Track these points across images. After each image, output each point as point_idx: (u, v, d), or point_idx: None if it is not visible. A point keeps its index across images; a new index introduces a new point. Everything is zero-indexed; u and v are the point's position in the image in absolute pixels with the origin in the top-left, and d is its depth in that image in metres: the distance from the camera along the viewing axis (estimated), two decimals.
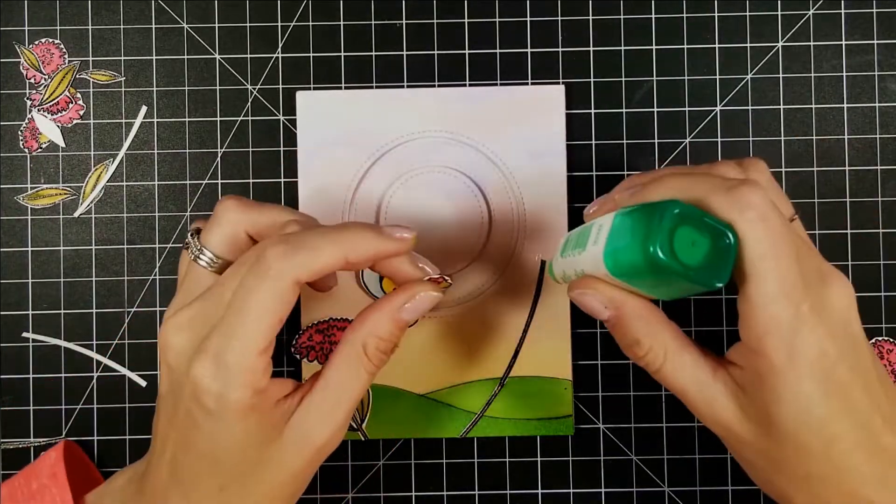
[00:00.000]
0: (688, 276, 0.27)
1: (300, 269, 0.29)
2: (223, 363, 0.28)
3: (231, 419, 0.29)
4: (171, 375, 0.30)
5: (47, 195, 0.41)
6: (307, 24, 0.42)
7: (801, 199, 0.41)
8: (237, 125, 0.42)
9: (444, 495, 0.41)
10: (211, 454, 0.30)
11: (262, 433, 0.30)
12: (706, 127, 0.41)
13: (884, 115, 0.41)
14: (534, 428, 0.40)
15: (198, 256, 0.32)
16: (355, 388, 0.31)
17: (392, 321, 0.32)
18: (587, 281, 0.31)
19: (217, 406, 0.29)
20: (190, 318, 0.30)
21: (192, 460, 0.30)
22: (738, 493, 0.41)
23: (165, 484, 0.31)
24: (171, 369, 0.30)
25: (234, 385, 0.29)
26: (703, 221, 0.28)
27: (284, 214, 0.33)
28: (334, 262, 0.30)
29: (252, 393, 0.29)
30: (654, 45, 0.41)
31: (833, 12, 0.41)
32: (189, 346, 0.30)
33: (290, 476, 0.31)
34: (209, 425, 0.29)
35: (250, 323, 0.28)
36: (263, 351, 0.29)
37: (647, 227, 0.28)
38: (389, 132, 0.41)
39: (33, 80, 0.42)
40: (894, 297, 0.41)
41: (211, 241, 0.32)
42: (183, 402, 0.30)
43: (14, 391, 0.41)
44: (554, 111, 0.41)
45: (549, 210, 0.41)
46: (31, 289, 0.41)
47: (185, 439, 0.30)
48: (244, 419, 0.29)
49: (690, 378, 0.30)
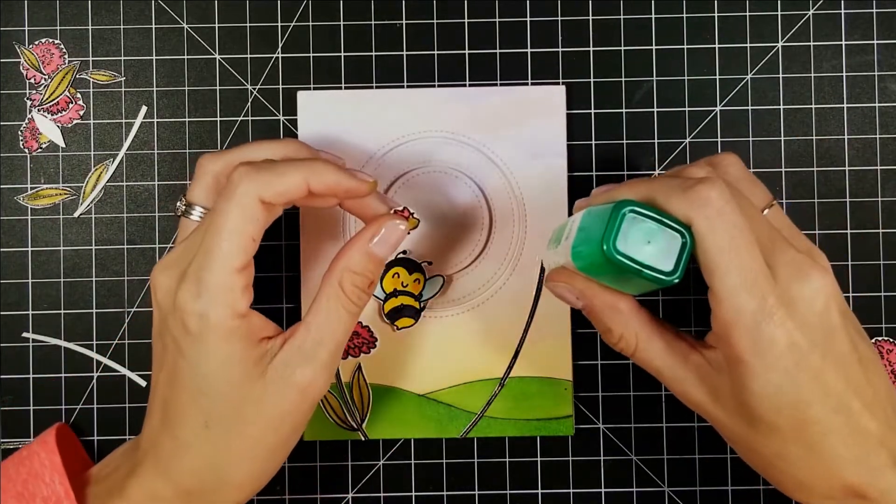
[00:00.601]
0: (640, 272, 0.29)
1: (264, 188, 0.31)
2: (203, 282, 0.30)
3: (213, 342, 0.30)
4: (160, 314, 0.32)
5: (47, 195, 0.41)
6: (307, 24, 0.42)
7: (801, 199, 0.41)
8: (237, 125, 0.42)
9: (444, 495, 0.41)
10: (194, 386, 0.31)
11: (244, 368, 0.31)
12: (706, 127, 0.41)
13: (884, 115, 0.41)
14: (534, 428, 0.40)
15: (186, 212, 0.34)
16: (336, 328, 0.32)
17: (363, 254, 0.33)
18: (560, 273, 0.33)
19: (199, 326, 0.30)
20: (175, 257, 0.32)
21: (178, 394, 0.31)
22: (738, 493, 0.41)
23: (157, 430, 0.32)
24: (160, 307, 0.32)
25: (214, 303, 0.30)
26: (658, 220, 0.29)
27: (252, 152, 0.35)
28: (296, 186, 0.32)
29: (232, 314, 0.30)
30: (654, 45, 0.41)
31: (833, 12, 0.41)
32: (174, 282, 0.31)
33: (276, 418, 0.31)
34: (192, 351, 0.30)
35: (223, 242, 0.30)
36: (240, 270, 0.31)
37: (602, 225, 0.29)
38: (390, 132, 0.41)
39: (33, 80, 0.42)
40: (894, 297, 0.41)
41: (194, 194, 0.35)
42: (170, 334, 0.31)
43: (14, 391, 0.41)
44: (555, 112, 0.41)
45: (550, 210, 0.41)
46: (31, 289, 0.41)
47: (172, 374, 0.31)
48: (226, 342, 0.30)
49: (662, 362, 0.32)
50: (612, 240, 0.28)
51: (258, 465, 0.32)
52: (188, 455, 0.31)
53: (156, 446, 0.32)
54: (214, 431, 0.31)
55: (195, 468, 0.31)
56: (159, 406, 0.32)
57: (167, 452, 0.32)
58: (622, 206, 0.29)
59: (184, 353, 0.31)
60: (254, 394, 0.31)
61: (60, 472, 0.33)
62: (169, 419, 0.32)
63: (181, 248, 0.32)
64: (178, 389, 0.31)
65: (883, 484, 0.30)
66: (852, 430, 0.30)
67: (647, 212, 0.29)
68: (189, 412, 0.31)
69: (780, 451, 0.30)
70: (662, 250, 0.29)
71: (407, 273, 0.40)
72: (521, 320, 0.40)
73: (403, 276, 0.40)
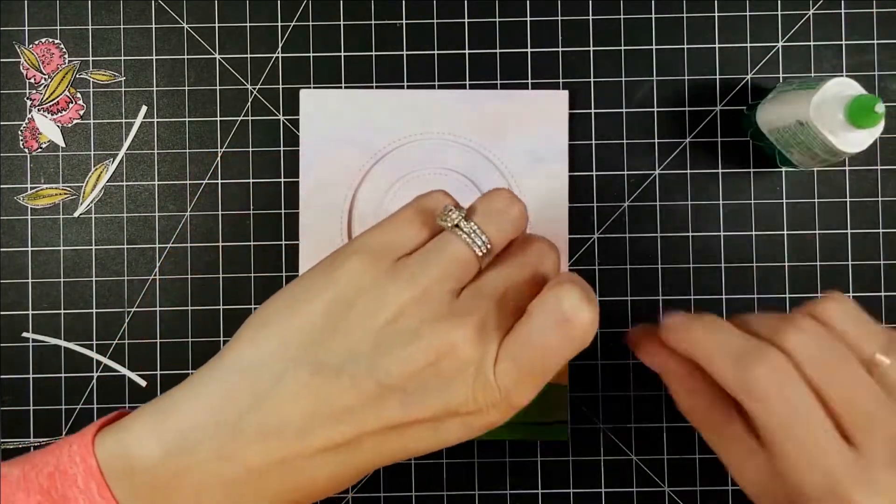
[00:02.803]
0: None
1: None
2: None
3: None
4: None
5: (47, 195, 0.41)
6: (307, 24, 0.42)
7: (801, 199, 0.41)
8: (237, 125, 0.42)
9: (444, 495, 0.41)
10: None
11: None
12: (706, 127, 0.41)
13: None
14: (528, 432, 0.40)
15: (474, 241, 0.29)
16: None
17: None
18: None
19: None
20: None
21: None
22: (738, 493, 0.41)
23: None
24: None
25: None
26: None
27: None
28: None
29: None
30: (654, 45, 0.41)
31: (833, 12, 0.41)
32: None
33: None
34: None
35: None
36: None
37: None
38: (392, 133, 0.41)
39: (33, 80, 0.42)
40: (894, 297, 0.41)
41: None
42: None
43: (14, 391, 0.41)
44: (557, 116, 0.41)
45: (551, 213, 0.41)
46: (31, 289, 0.41)
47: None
48: None
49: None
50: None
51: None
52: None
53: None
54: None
55: None
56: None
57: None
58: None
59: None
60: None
61: (98, 480, 0.26)
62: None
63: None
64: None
65: None
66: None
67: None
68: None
69: None
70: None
71: None
72: None
73: None
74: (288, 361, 0.27)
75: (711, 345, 0.30)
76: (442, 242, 0.28)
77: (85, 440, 0.27)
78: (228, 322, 0.41)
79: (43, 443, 0.41)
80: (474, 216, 0.29)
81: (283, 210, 0.41)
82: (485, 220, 0.29)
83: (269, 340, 0.27)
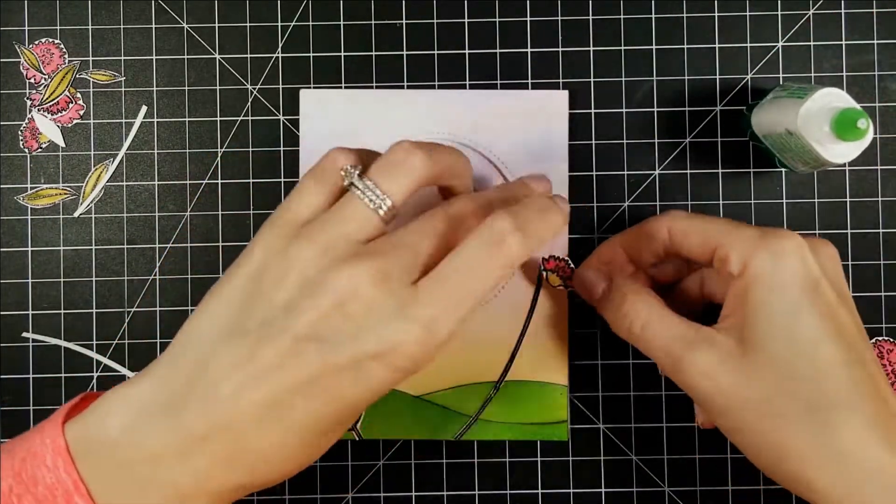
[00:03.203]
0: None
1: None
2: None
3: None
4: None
5: (47, 195, 0.41)
6: (307, 24, 0.42)
7: (801, 199, 0.41)
8: (237, 125, 0.42)
9: (444, 495, 0.41)
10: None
11: None
12: (706, 127, 0.41)
13: (884, 115, 0.41)
14: (528, 432, 0.40)
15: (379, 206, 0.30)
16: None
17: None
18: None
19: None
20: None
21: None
22: (738, 493, 0.41)
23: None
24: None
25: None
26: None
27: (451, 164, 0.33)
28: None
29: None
30: (654, 45, 0.41)
31: (833, 12, 0.41)
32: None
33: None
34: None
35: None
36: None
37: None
38: (392, 132, 0.41)
39: (33, 80, 0.42)
40: (894, 297, 0.41)
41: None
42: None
43: (14, 391, 0.41)
44: (558, 116, 0.41)
45: None
46: (31, 289, 0.41)
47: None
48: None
49: (674, 331, 0.33)
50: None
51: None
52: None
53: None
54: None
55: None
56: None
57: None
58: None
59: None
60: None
61: (65, 457, 0.28)
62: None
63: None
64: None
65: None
66: (877, 393, 0.29)
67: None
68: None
69: (783, 408, 0.29)
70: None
71: None
72: (517, 324, 0.40)
73: None
74: (217, 334, 0.29)
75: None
76: (341, 203, 0.30)
77: (55, 423, 0.29)
78: None
79: None
80: (369, 172, 0.30)
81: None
82: (380, 174, 0.30)
83: (202, 319, 0.30)
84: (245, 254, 0.31)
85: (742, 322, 0.31)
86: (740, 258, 0.31)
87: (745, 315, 0.31)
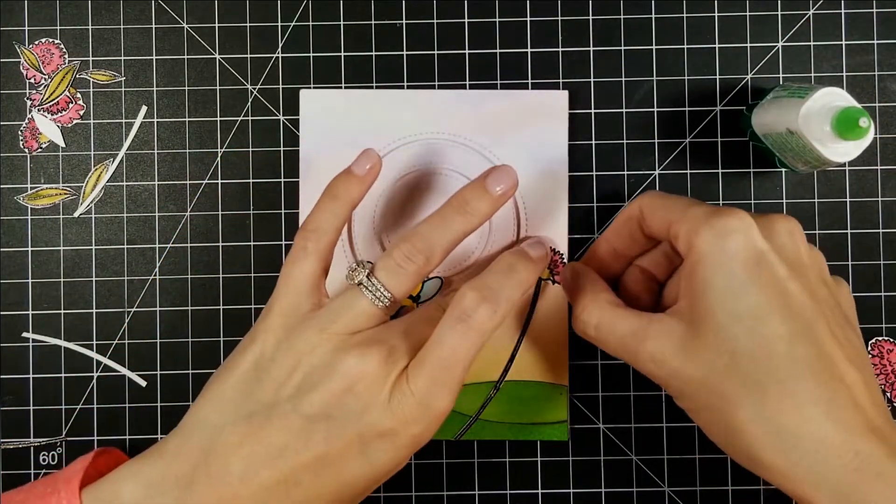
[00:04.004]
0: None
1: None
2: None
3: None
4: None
5: (47, 195, 0.41)
6: (307, 24, 0.42)
7: (801, 199, 0.41)
8: (237, 125, 0.42)
9: (444, 495, 0.41)
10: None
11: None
12: (706, 127, 0.41)
13: (884, 115, 0.41)
14: (528, 432, 0.40)
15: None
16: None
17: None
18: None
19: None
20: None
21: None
22: (738, 493, 0.41)
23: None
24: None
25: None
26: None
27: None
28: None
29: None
30: (654, 45, 0.41)
31: (833, 12, 0.41)
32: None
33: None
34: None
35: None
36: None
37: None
38: (392, 133, 0.41)
39: (33, 80, 0.42)
40: (894, 297, 0.41)
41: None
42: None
43: (14, 391, 0.41)
44: (557, 116, 0.41)
45: (550, 213, 0.41)
46: (31, 289, 0.41)
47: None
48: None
49: (628, 322, 0.33)
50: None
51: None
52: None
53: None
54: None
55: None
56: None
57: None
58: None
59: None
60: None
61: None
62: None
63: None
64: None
65: (864, 447, 0.28)
66: (824, 367, 0.29)
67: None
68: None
69: (728, 385, 0.29)
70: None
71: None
72: (518, 324, 0.40)
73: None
74: (226, 417, 0.31)
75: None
76: (348, 298, 0.33)
77: (72, 485, 0.31)
78: (228, 322, 0.41)
79: (42, 443, 0.41)
80: (377, 272, 0.33)
81: (283, 210, 0.41)
82: (387, 275, 0.33)
83: (211, 401, 0.32)
84: (249, 338, 0.33)
85: (691, 303, 0.31)
86: (687, 237, 0.31)
87: (692, 295, 0.31)
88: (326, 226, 0.34)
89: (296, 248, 0.34)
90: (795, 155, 0.37)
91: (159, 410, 0.41)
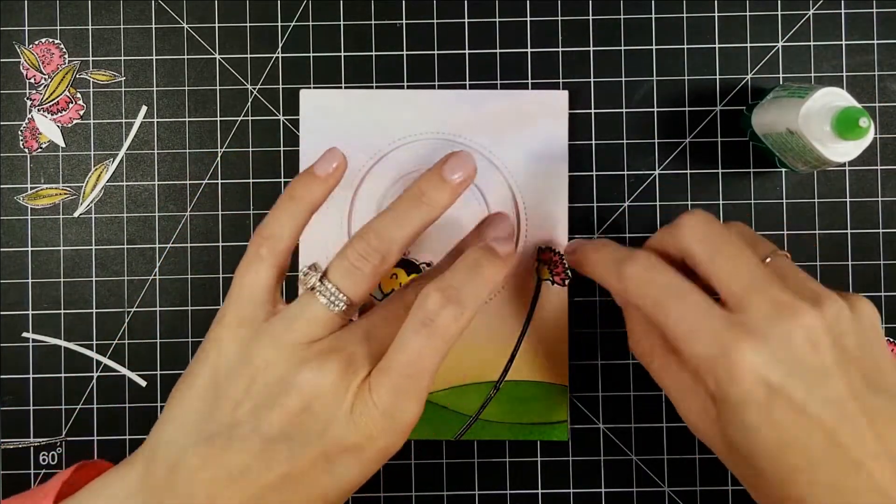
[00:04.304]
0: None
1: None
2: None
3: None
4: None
5: (47, 195, 0.41)
6: (307, 24, 0.42)
7: (802, 199, 0.41)
8: (237, 125, 0.42)
9: (444, 495, 0.41)
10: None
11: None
12: (706, 127, 0.41)
13: (884, 115, 0.41)
14: (528, 432, 0.40)
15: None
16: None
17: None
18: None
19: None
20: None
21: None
22: (738, 493, 0.41)
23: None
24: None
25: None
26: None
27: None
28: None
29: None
30: (654, 45, 0.41)
31: (833, 12, 0.41)
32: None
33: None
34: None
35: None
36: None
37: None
38: (392, 133, 0.41)
39: (33, 80, 0.42)
40: (894, 297, 0.41)
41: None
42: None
43: (14, 391, 0.41)
44: (557, 116, 0.41)
45: (550, 213, 0.41)
46: (31, 289, 0.41)
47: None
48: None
49: (671, 379, 0.32)
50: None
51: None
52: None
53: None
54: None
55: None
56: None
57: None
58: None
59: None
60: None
61: None
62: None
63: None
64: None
65: None
66: (852, 487, 0.27)
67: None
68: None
69: (752, 482, 0.29)
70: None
71: (405, 274, 0.40)
72: (518, 323, 0.40)
73: (402, 277, 0.40)
74: (188, 438, 0.30)
75: (597, 259, 0.33)
76: (301, 304, 0.31)
77: (48, 498, 0.30)
78: None
79: (42, 443, 0.41)
80: (330, 275, 0.31)
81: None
82: (341, 277, 0.31)
83: (174, 422, 0.31)
84: (203, 354, 0.32)
85: (719, 410, 0.30)
86: (698, 361, 0.29)
87: (716, 405, 0.30)
88: (283, 231, 0.32)
89: (249, 254, 0.32)
90: (795, 155, 0.37)
91: (159, 410, 0.41)
